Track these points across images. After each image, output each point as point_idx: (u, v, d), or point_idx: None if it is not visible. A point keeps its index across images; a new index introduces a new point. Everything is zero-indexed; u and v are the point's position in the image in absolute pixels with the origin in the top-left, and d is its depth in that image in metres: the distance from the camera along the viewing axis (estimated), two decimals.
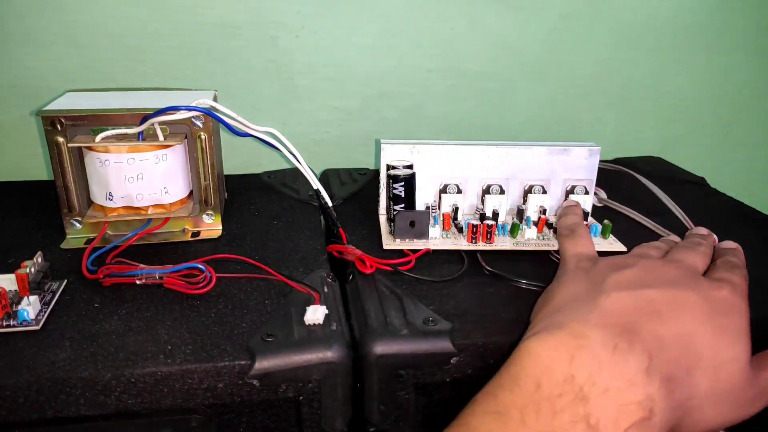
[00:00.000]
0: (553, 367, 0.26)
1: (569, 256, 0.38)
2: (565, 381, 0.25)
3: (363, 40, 0.61)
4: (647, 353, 0.26)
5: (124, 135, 0.42)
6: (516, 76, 0.66)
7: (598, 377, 0.25)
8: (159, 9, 0.56)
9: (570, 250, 0.38)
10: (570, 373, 0.25)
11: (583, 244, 0.39)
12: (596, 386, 0.25)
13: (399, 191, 0.45)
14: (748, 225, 0.51)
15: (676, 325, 0.28)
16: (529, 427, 0.24)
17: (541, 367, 0.26)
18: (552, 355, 0.26)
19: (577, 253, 0.38)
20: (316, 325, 0.35)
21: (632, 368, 0.26)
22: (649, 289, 0.29)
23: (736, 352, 0.29)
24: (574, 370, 0.25)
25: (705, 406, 0.28)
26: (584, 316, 0.28)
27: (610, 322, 0.27)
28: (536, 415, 0.25)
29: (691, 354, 0.28)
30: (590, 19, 0.65)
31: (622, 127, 0.72)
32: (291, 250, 0.44)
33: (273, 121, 0.62)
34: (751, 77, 0.72)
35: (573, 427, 0.24)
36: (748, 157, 0.77)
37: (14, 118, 0.58)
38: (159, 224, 0.44)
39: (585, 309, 0.29)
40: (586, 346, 0.26)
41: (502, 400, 0.26)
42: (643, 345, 0.27)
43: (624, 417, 0.24)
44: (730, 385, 0.28)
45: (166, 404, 0.32)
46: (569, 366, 0.26)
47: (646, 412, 0.25)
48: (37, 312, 0.35)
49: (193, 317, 0.36)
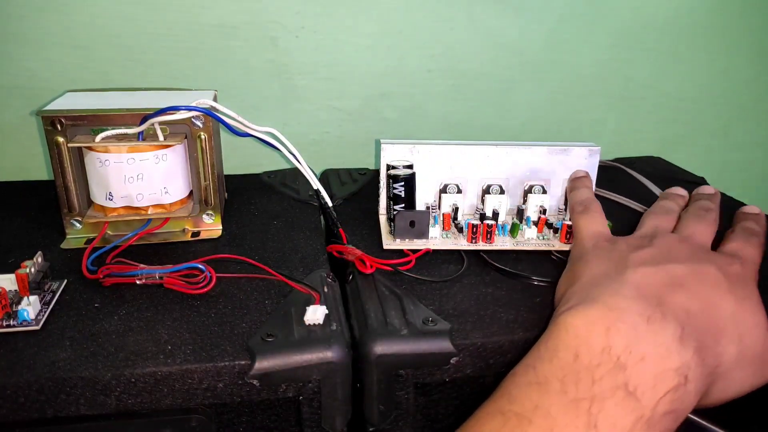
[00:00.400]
0: (590, 338, 0.27)
1: (586, 235, 0.38)
2: (603, 351, 0.26)
3: (363, 40, 0.61)
4: (679, 323, 0.27)
5: (124, 135, 0.42)
6: (516, 76, 0.66)
7: (634, 347, 0.26)
8: (159, 9, 0.56)
9: (586, 229, 0.39)
10: (607, 343, 0.26)
11: (599, 222, 0.39)
12: (633, 355, 0.26)
13: (399, 191, 0.45)
14: None
15: (700, 296, 0.29)
16: (569, 395, 0.25)
17: (578, 339, 0.27)
18: (589, 328, 0.27)
19: (594, 232, 0.38)
20: (316, 325, 0.35)
21: (667, 337, 0.27)
22: (671, 264, 0.31)
23: (758, 320, 0.30)
24: (611, 341, 0.26)
25: (732, 372, 0.29)
26: (616, 290, 0.29)
27: (641, 294, 0.28)
28: (576, 384, 0.25)
29: (717, 323, 0.29)
30: (590, 19, 0.65)
31: (622, 127, 0.72)
32: (291, 250, 0.44)
33: (273, 121, 0.62)
34: (750, 77, 0.72)
35: (612, 394, 0.25)
36: (748, 157, 0.77)
37: (14, 118, 0.58)
38: (159, 224, 0.44)
39: (615, 284, 0.30)
40: (621, 318, 0.27)
41: (542, 371, 0.27)
42: (674, 315, 0.28)
43: (661, 383, 0.25)
44: (754, 350, 0.29)
45: (166, 404, 0.32)
46: (606, 337, 0.26)
47: (682, 379, 0.26)
48: (37, 312, 0.35)
49: (193, 317, 0.36)
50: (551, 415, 0.25)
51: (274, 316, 0.36)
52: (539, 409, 0.25)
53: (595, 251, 0.35)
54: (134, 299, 0.37)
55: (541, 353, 0.28)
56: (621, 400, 0.25)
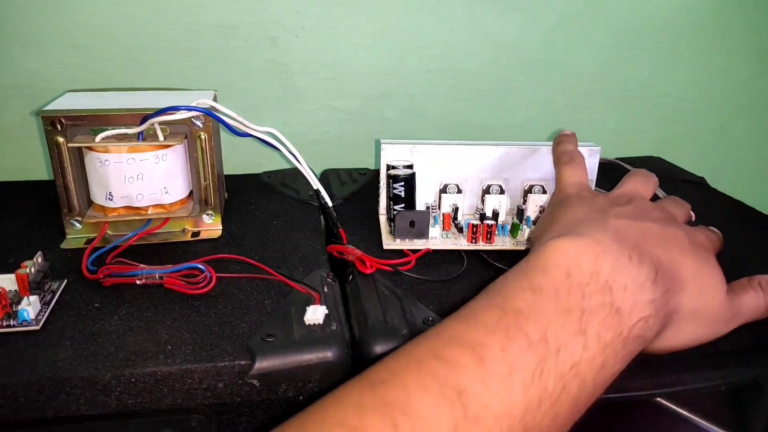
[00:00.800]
0: (580, 261, 0.29)
1: (569, 183, 0.40)
2: (592, 274, 0.28)
3: (363, 40, 0.61)
4: (653, 266, 0.30)
5: (124, 135, 0.42)
6: (516, 76, 0.66)
7: (618, 276, 0.28)
8: (159, 9, 0.56)
9: (569, 178, 0.40)
10: (596, 268, 0.28)
11: (580, 173, 0.41)
12: (617, 282, 0.28)
13: (399, 191, 0.45)
14: (748, 225, 0.51)
15: (669, 252, 0.32)
16: (562, 303, 0.27)
17: (569, 260, 0.29)
18: (579, 253, 0.29)
19: (577, 181, 0.40)
20: (316, 325, 0.35)
21: (643, 276, 0.29)
22: (646, 222, 0.33)
23: (716, 281, 0.33)
24: (599, 267, 0.28)
25: (685, 322, 0.31)
26: (600, 231, 0.31)
27: (622, 238, 0.31)
28: (568, 296, 0.27)
29: (681, 277, 0.31)
30: (590, 19, 0.65)
31: (622, 127, 0.72)
32: (291, 250, 0.44)
33: (273, 121, 0.62)
34: (750, 77, 0.72)
35: (600, 310, 0.27)
36: (748, 157, 0.77)
37: (14, 118, 0.58)
38: (159, 224, 0.44)
39: (599, 226, 0.32)
40: (607, 251, 0.29)
41: (535, 281, 0.28)
42: (650, 259, 0.30)
43: (636, 311, 0.28)
44: (710, 307, 0.32)
45: (166, 404, 0.32)
46: (595, 263, 0.29)
47: (652, 311, 0.29)
48: (37, 312, 0.35)
49: (193, 317, 0.36)
50: (546, 317, 0.27)
51: (274, 316, 0.36)
52: (536, 310, 0.27)
53: (577, 198, 0.37)
54: (134, 299, 0.37)
55: (531, 266, 0.29)
56: (606, 316, 0.27)
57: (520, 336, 0.26)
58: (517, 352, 0.25)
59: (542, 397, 0.25)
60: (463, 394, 0.24)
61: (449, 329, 0.27)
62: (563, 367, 0.25)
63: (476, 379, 0.24)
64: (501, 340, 0.26)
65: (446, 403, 0.23)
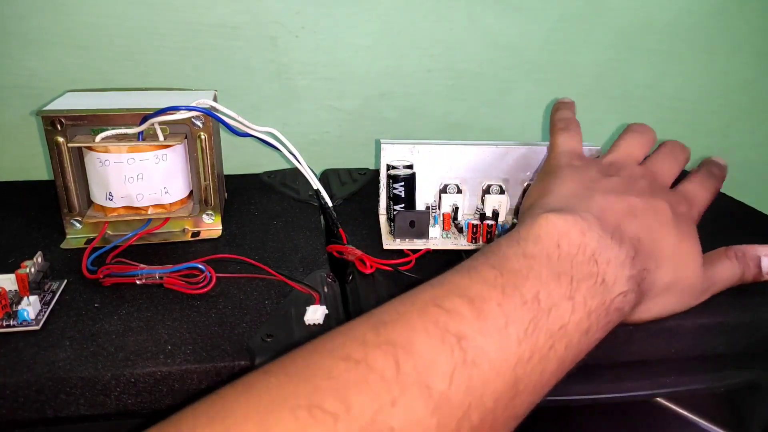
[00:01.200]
0: (569, 234, 0.30)
1: (562, 151, 0.41)
2: (579, 246, 0.30)
3: (363, 40, 0.61)
4: (633, 246, 0.32)
5: (124, 135, 0.42)
6: (516, 76, 0.66)
7: (602, 252, 0.30)
8: (159, 9, 0.56)
9: (563, 145, 0.41)
10: (583, 242, 0.30)
11: (576, 141, 0.42)
12: (602, 256, 0.30)
13: (399, 191, 0.45)
14: (748, 225, 0.51)
15: (650, 227, 0.33)
16: (554, 268, 0.29)
17: (558, 232, 0.30)
18: (567, 227, 0.30)
19: (570, 149, 0.41)
20: (316, 325, 0.35)
21: (623, 254, 0.31)
22: (630, 196, 0.34)
23: (693, 254, 0.35)
24: (586, 241, 0.30)
25: (660, 296, 0.33)
26: (587, 208, 0.32)
27: (606, 217, 0.32)
28: (558, 263, 0.29)
29: (659, 252, 0.33)
30: (590, 19, 0.65)
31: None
32: (291, 250, 0.44)
33: (273, 121, 0.62)
34: (750, 78, 0.72)
35: (587, 278, 0.29)
36: (748, 157, 0.77)
37: (14, 118, 0.58)
38: (159, 224, 0.44)
39: (585, 204, 0.33)
40: (592, 228, 0.31)
41: (528, 248, 0.30)
42: (630, 239, 0.32)
43: (618, 285, 0.30)
44: (685, 279, 0.34)
45: (166, 404, 0.32)
46: (582, 238, 0.30)
47: (630, 286, 0.30)
48: (37, 312, 0.35)
49: (193, 317, 0.36)
50: (539, 280, 0.28)
51: (274, 316, 0.36)
52: (530, 272, 0.28)
53: (568, 169, 0.38)
54: (134, 299, 0.37)
55: (524, 237, 0.30)
56: (593, 285, 0.29)
57: (515, 294, 0.27)
58: (513, 307, 0.27)
59: (533, 352, 0.26)
60: (463, 340, 0.25)
61: (450, 282, 0.28)
62: (553, 327, 0.27)
63: (475, 328, 0.26)
64: (498, 295, 0.27)
65: (446, 347, 0.25)
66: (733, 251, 0.37)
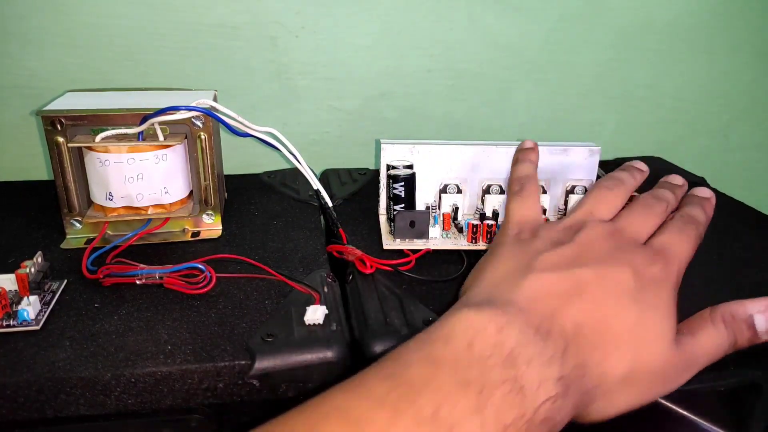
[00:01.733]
0: (484, 332, 0.26)
1: (511, 220, 0.37)
2: (495, 345, 0.26)
3: (363, 40, 0.61)
4: (564, 338, 0.27)
5: (124, 135, 0.42)
6: (516, 76, 0.66)
7: (523, 349, 0.26)
8: (159, 9, 0.56)
9: (514, 214, 0.37)
10: (500, 339, 0.26)
11: (529, 207, 0.37)
12: (521, 356, 0.26)
13: (399, 191, 0.45)
14: (748, 225, 0.51)
15: (598, 308, 0.29)
16: (460, 376, 0.25)
17: (472, 331, 0.26)
18: (483, 324, 0.27)
19: (520, 219, 0.37)
20: (316, 325, 0.35)
21: (550, 349, 0.27)
22: (580, 269, 0.30)
23: (661, 330, 0.29)
24: (503, 339, 0.26)
25: (617, 391, 0.28)
26: (512, 296, 0.29)
27: (535, 306, 0.28)
28: (468, 369, 0.25)
29: (611, 336, 0.28)
30: (590, 19, 0.65)
31: (622, 127, 0.72)
32: (291, 250, 0.44)
33: (273, 121, 0.62)
34: (750, 78, 0.72)
35: (501, 386, 0.25)
36: (748, 157, 0.77)
37: (14, 118, 0.58)
38: (159, 224, 0.44)
39: (512, 292, 0.29)
40: (513, 322, 0.27)
41: (436, 351, 0.26)
42: (561, 330, 0.28)
43: (543, 390, 0.25)
44: (651, 362, 0.29)
45: (166, 404, 0.32)
46: (498, 335, 0.26)
47: (562, 389, 0.26)
48: (37, 312, 0.35)
49: (193, 317, 0.36)
50: (442, 391, 0.24)
51: (274, 316, 0.36)
52: (431, 383, 0.24)
53: (510, 246, 0.34)
54: (134, 299, 0.37)
55: (436, 336, 0.27)
56: (508, 393, 0.25)
57: (409, 411, 0.23)
58: (403, 429, 0.23)
59: None
60: None
61: (332, 399, 0.25)
62: None
63: None
64: (387, 416, 0.23)
65: None
66: (719, 314, 0.31)
